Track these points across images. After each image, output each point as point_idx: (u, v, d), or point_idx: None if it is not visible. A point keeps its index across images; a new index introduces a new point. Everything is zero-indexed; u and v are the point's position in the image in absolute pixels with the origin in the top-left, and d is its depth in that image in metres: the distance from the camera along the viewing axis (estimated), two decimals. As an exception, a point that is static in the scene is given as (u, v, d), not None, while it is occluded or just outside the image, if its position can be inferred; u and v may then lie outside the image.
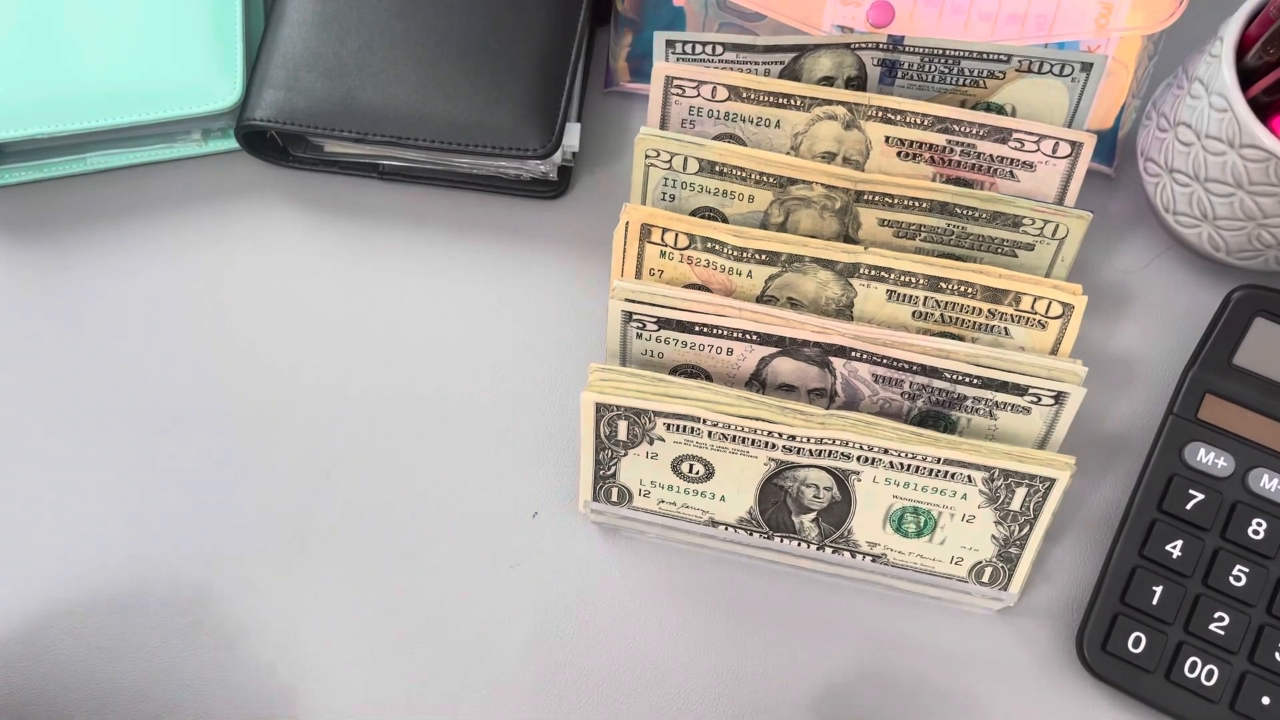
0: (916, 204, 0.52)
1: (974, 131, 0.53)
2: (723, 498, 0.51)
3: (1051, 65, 0.53)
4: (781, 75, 0.55)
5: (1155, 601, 0.50)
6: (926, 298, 0.51)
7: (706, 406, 0.48)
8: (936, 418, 0.51)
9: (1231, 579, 0.50)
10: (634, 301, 0.50)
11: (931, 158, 0.54)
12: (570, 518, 0.54)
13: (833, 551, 0.52)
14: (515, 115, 0.56)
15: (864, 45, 0.54)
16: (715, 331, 0.50)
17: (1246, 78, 0.51)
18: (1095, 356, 0.56)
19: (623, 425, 0.49)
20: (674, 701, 0.51)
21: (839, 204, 0.53)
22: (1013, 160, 0.53)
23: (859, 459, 0.48)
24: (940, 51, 0.54)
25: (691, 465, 0.50)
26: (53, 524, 0.54)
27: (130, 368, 0.57)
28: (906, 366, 0.50)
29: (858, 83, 0.55)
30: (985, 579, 0.51)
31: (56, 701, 0.51)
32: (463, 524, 0.54)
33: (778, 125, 0.54)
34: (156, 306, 0.58)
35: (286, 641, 0.52)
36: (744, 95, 0.53)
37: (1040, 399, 0.49)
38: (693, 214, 0.54)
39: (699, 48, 0.54)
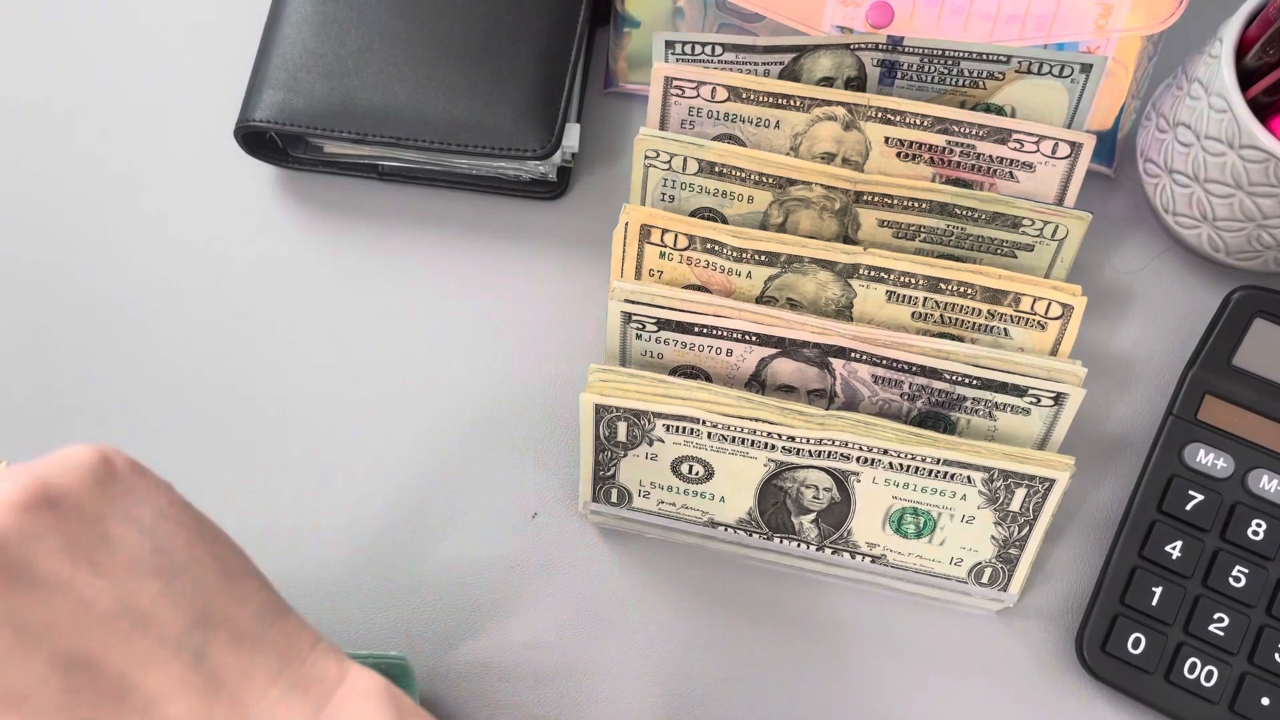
0: (916, 205, 0.52)
1: (973, 132, 0.53)
2: (722, 498, 0.51)
3: (1051, 66, 0.53)
4: (781, 76, 0.55)
5: (1155, 602, 0.50)
6: (926, 298, 0.51)
7: (706, 407, 0.48)
8: (936, 418, 0.51)
9: (1231, 580, 0.50)
10: (633, 302, 0.50)
11: (931, 158, 0.54)
12: (570, 518, 0.54)
13: (832, 552, 0.52)
14: (515, 116, 0.56)
15: (863, 46, 0.54)
16: (715, 332, 0.50)
17: (1246, 78, 0.51)
18: (1095, 357, 0.56)
19: (622, 426, 0.49)
20: (673, 701, 0.51)
21: (838, 205, 0.53)
22: (1012, 161, 0.53)
23: (858, 460, 0.48)
24: (939, 52, 0.54)
25: (691, 466, 0.50)
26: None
27: (128, 368, 0.57)
28: (906, 367, 0.50)
29: (857, 83, 0.55)
30: (985, 580, 0.51)
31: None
32: (462, 524, 0.54)
33: (777, 126, 0.54)
34: (155, 306, 0.58)
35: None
36: (743, 96, 0.53)
37: (1040, 400, 0.49)
38: (692, 215, 0.54)
39: (698, 48, 0.54)
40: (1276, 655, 0.49)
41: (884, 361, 0.50)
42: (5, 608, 0.31)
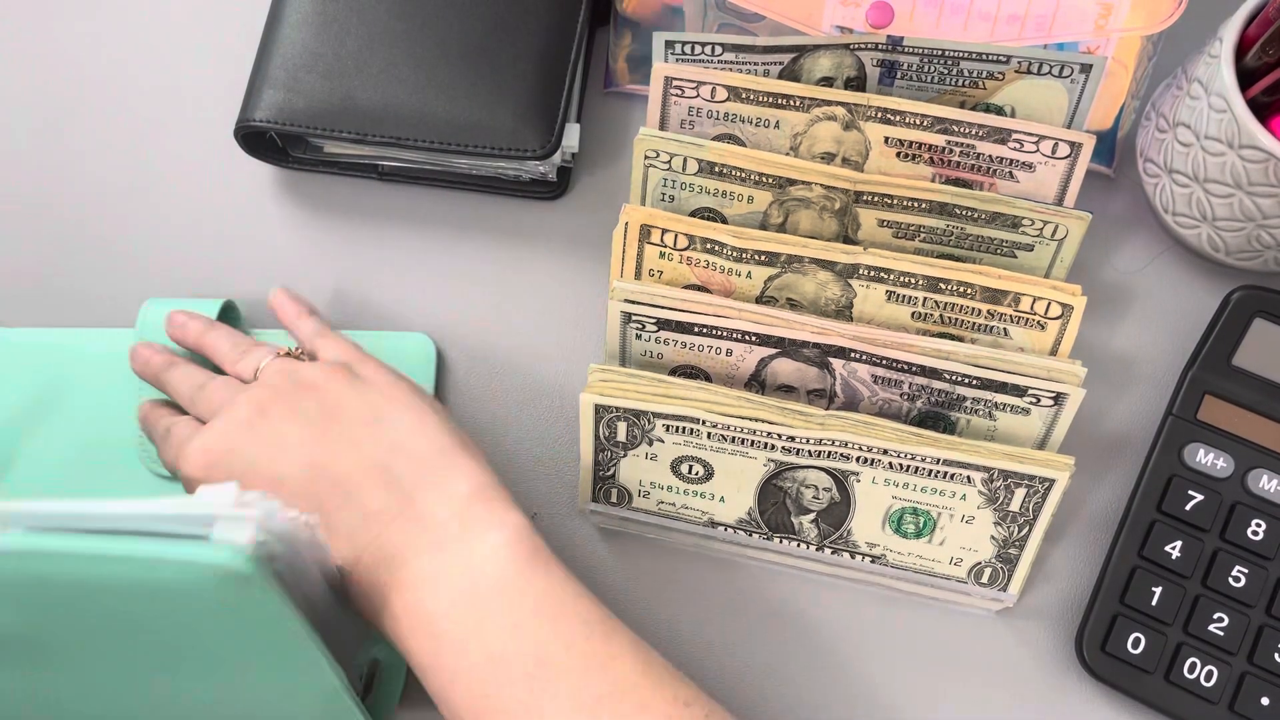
0: (916, 205, 0.52)
1: (973, 132, 0.53)
2: (722, 498, 0.51)
3: (1051, 66, 0.53)
4: (781, 76, 0.55)
5: (1154, 602, 0.50)
6: (926, 298, 0.51)
7: (706, 407, 0.48)
8: (936, 418, 0.51)
9: (1231, 580, 0.50)
10: (633, 302, 0.50)
11: (931, 158, 0.54)
12: (570, 518, 0.54)
13: (832, 552, 0.52)
14: (515, 116, 0.56)
15: (863, 46, 0.54)
16: (714, 332, 0.50)
17: (1246, 78, 0.51)
18: (1095, 357, 0.56)
19: (622, 426, 0.49)
20: (673, 702, 0.51)
21: (838, 205, 0.53)
22: (1012, 161, 0.53)
23: (858, 460, 0.48)
24: (939, 52, 0.54)
25: (691, 466, 0.50)
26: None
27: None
28: (906, 367, 0.50)
29: (857, 83, 0.55)
30: (985, 579, 0.51)
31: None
32: (462, 524, 0.54)
33: (777, 126, 0.54)
34: (156, 307, 0.58)
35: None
36: (743, 96, 0.53)
37: (1039, 400, 0.49)
38: (692, 215, 0.54)
39: (698, 48, 0.54)
40: (1276, 655, 0.49)
41: (884, 361, 0.50)
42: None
